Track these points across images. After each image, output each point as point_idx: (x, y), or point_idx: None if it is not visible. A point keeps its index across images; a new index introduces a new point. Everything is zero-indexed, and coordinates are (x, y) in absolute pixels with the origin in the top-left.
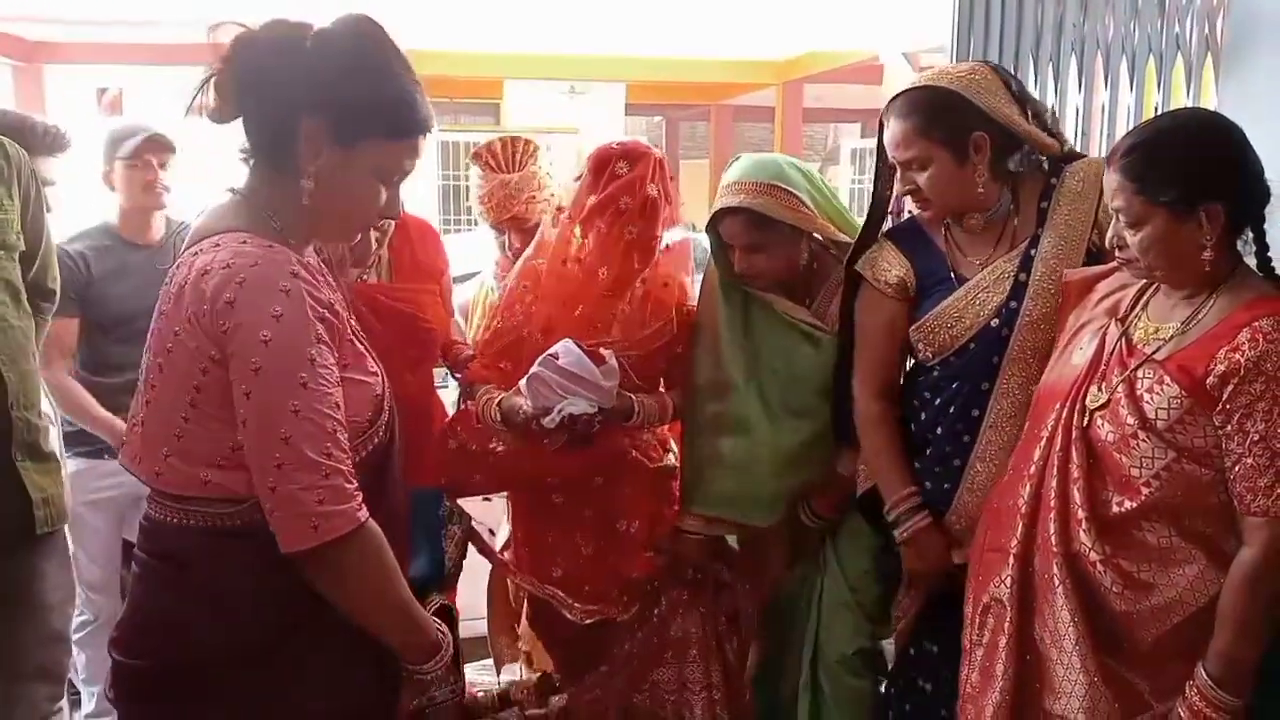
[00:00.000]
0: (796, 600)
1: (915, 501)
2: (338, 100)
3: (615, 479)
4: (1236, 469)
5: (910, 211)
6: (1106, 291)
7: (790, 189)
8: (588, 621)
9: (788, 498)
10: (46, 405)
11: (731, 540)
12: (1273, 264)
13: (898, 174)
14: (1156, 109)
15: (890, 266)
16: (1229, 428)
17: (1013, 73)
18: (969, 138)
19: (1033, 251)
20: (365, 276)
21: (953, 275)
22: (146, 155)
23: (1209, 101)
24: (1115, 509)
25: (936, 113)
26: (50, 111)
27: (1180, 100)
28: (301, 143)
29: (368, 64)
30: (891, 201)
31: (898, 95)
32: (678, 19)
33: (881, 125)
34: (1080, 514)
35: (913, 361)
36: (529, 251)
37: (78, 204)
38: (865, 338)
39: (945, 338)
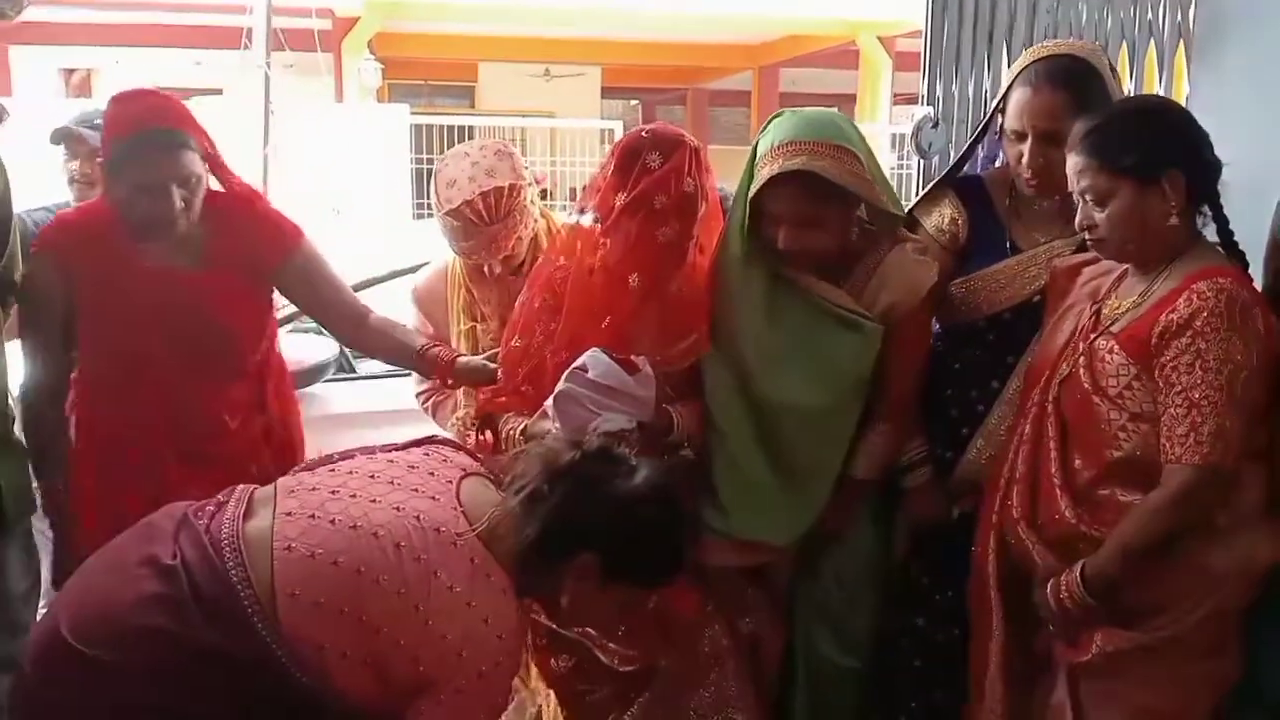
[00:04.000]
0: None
1: (923, 453)
2: (620, 555)
3: None
4: (1163, 420)
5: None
6: (1091, 276)
7: (851, 147)
8: (625, 669)
9: (811, 509)
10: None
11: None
12: (1234, 237)
13: (1026, 142)
14: (1130, 95)
15: (945, 211)
16: (1161, 382)
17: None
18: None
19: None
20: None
21: (1009, 244)
22: (69, 144)
23: (1182, 88)
24: (1085, 475)
25: (1087, 89)
26: (16, 93)
27: (1153, 87)
28: (573, 565)
29: (660, 533)
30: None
31: (1040, 60)
32: (654, 2)
33: (1009, 90)
34: (1056, 482)
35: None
36: (543, 257)
37: (35, 185)
38: None
39: (982, 300)
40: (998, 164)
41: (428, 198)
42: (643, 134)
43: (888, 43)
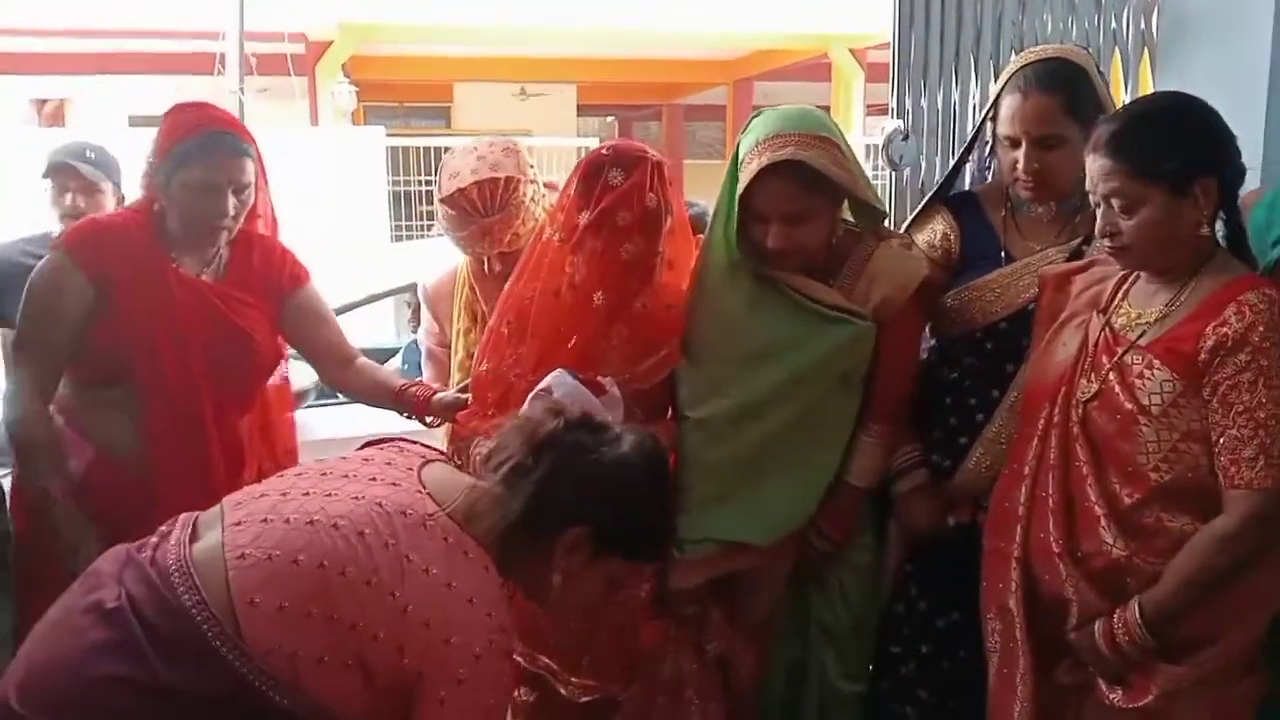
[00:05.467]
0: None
1: (916, 457)
2: (611, 525)
3: None
4: (1221, 441)
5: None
6: (1085, 285)
7: (835, 140)
8: (584, 699)
9: (795, 509)
10: None
11: None
12: (1248, 242)
13: (1020, 148)
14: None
15: (937, 228)
16: (1214, 400)
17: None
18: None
19: (1085, 248)
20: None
21: (1003, 253)
22: (60, 178)
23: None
24: (1126, 500)
25: (1078, 92)
26: None
27: (1119, 95)
28: (563, 539)
29: (651, 500)
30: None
31: (1029, 65)
32: (627, 18)
33: (998, 98)
34: (1098, 511)
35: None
36: (511, 279)
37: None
38: None
39: (980, 311)
40: (991, 176)
41: (405, 220)
42: (604, 151)
43: (859, 54)
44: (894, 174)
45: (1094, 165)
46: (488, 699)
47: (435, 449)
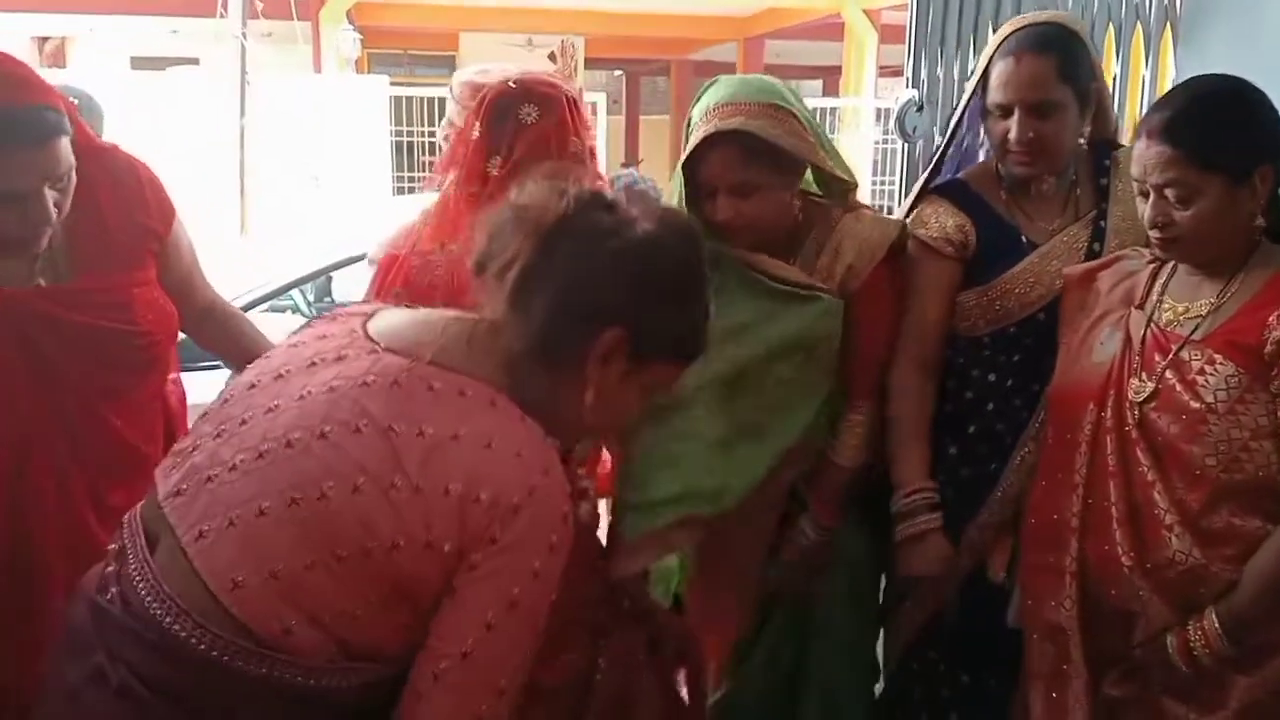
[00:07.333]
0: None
1: (933, 498)
2: (651, 319)
3: None
4: None
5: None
6: (1114, 281)
7: (791, 108)
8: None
9: (739, 482)
10: None
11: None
12: None
13: (1013, 117)
14: (1115, 79)
15: (949, 221)
16: None
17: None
18: (1091, 86)
19: (1102, 223)
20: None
21: (1024, 239)
22: None
23: (1168, 69)
24: (1194, 505)
25: (1072, 54)
26: None
27: (1140, 69)
28: (596, 348)
29: (687, 289)
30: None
31: (1020, 29)
32: None
33: (988, 66)
34: (1168, 519)
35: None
36: (393, 246)
37: None
38: (911, 301)
39: (1014, 305)
40: (980, 156)
41: (408, 170)
42: (511, 84)
43: (873, 15)
44: (907, 145)
45: (1148, 153)
46: (532, 559)
47: (376, 303)
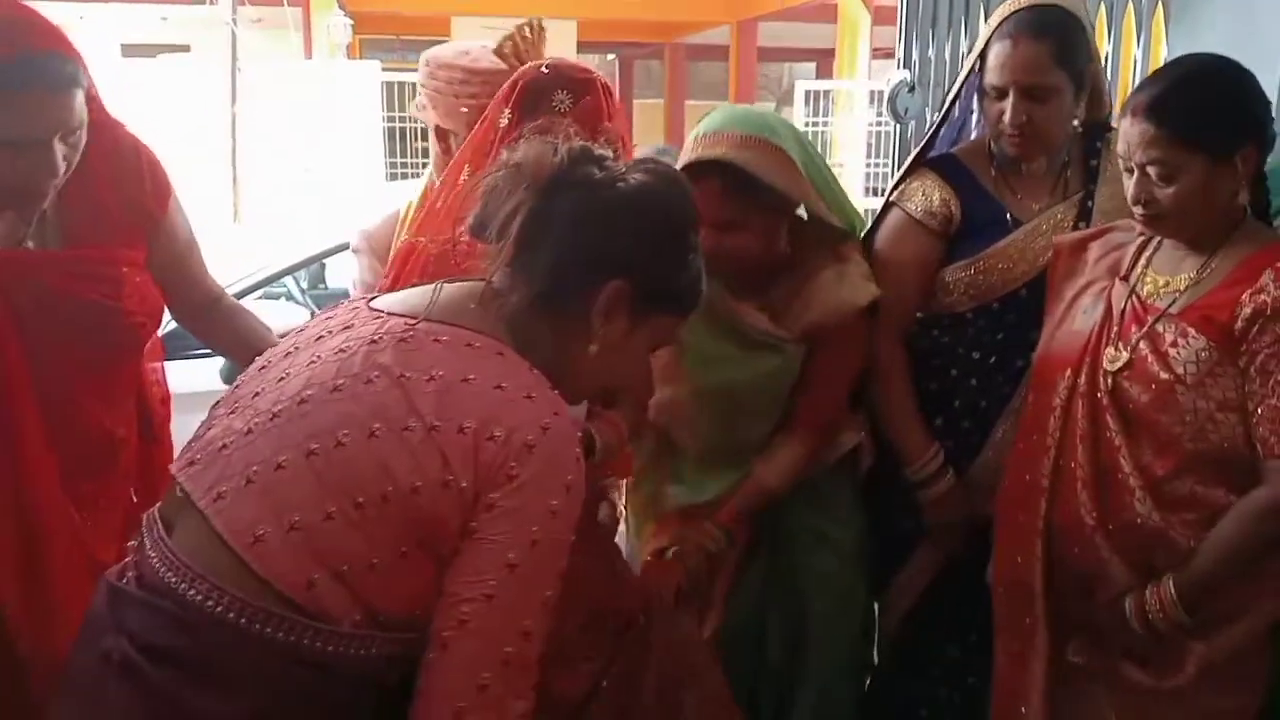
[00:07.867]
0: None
1: (942, 458)
2: (651, 269)
3: None
4: (1260, 411)
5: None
6: (1102, 252)
7: (781, 146)
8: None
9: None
10: None
11: None
12: (1271, 209)
13: (1008, 99)
14: (1107, 59)
15: (935, 195)
16: (1252, 370)
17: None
18: (1088, 69)
19: (1090, 203)
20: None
21: (1009, 217)
22: None
23: (1160, 49)
24: (1160, 471)
25: (1070, 38)
26: None
27: (1131, 48)
28: (599, 301)
29: (684, 237)
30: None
31: (1019, 11)
32: None
33: (986, 46)
34: (1132, 482)
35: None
36: (411, 231)
37: None
38: (892, 274)
39: (997, 281)
40: (974, 133)
41: (402, 155)
42: (544, 69)
43: None
44: (899, 126)
45: (1132, 131)
46: (550, 496)
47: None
